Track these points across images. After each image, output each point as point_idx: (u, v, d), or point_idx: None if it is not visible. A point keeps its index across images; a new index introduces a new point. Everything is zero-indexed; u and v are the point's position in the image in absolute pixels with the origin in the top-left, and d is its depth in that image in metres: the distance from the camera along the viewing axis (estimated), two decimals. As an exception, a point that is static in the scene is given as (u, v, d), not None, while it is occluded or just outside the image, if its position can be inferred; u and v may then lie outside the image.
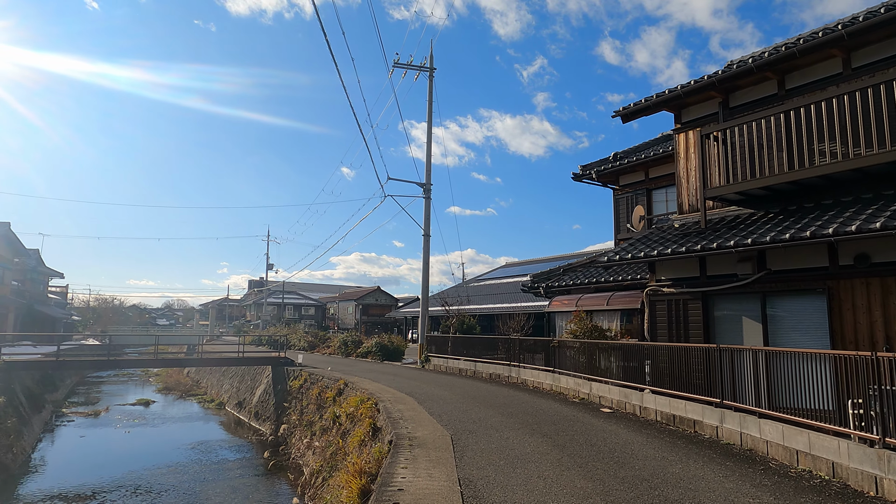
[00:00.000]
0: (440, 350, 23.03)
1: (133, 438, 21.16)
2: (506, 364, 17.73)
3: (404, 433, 8.84)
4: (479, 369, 19.43)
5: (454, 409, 11.38)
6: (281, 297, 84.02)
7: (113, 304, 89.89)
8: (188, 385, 37.06)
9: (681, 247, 10.37)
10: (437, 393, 14.32)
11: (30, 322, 42.74)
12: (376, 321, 64.53)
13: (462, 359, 20.81)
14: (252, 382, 27.80)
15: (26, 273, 45.90)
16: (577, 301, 15.37)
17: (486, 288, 43.19)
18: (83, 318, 71.05)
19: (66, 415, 25.81)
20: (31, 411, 21.57)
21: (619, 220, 18.07)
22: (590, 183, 19.23)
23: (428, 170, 25.92)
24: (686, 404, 9.44)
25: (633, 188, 17.72)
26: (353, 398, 14.29)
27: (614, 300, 14.46)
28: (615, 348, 12.22)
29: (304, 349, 37.69)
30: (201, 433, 22.49)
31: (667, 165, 16.56)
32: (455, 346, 21.79)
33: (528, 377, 16.33)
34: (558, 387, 14.47)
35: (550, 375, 14.97)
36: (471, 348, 20.55)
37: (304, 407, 19.76)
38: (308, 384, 20.81)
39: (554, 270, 18.62)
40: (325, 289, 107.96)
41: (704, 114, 12.32)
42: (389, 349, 27.56)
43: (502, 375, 17.82)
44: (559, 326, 16.13)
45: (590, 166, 18.55)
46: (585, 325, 13.85)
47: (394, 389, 15.24)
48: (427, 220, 25.62)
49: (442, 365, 22.39)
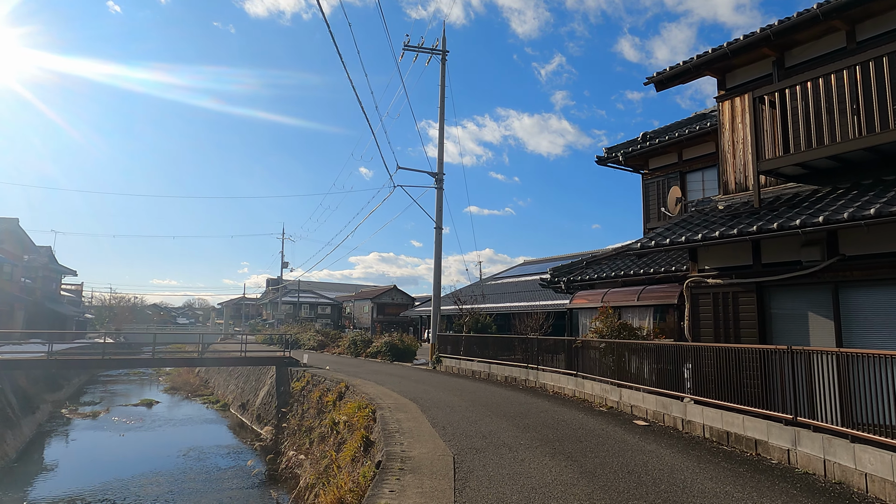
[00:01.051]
0: (453, 350, 21.46)
1: (126, 443, 19.97)
2: (523, 366, 16.11)
3: (397, 452, 7.29)
4: (493, 372, 17.83)
5: (462, 420, 9.81)
6: (296, 297, 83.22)
7: (129, 302, 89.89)
8: (196, 385, 36.02)
9: (731, 229, 8.67)
10: (444, 399, 12.76)
11: (40, 320, 42.16)
12: (392, 320, 63.37)
13: (476, 360, 19.22)
14: (256, 383, 26.53)
15: (38, 270, 45.44)
16: (603, 296, 13.68)
17: (502, 286, 41.50)
18: (99, 317, 70.95)
19: (63, 416, 24.79)
20: (21, 413, 20.49)
21: (649, 208, 16.33)
22: (615, 167, 17.50)
23: (440, 159, 24.38)
24: (744, 419, 7.72)
25: (664, 172, 15.96)
26: (350, 404, 12.80)
27: (646, 295, 12.75)
28: (649, 350, 10.54)
29: (313, 348, 36.42)
30: (199, 437, 21.23)
31: (703, 145, 14.80)
32: (468, 347, 20.21)
33: (547, 381, 14.69)
34: (582, 393, 12.81)
35: (573, 380, 13.31)
36: (485, 349, 18.95)
37: (304, 411, 18.35)
38: (310, 386, 19.40)
39: (576, 263, 16.94)
40: (342, 288, 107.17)
41: (754, 77, 10.57)
42: (400, 349, 26.06)
43: (519, 379, 16.20)
44: (582, 325, 14.46)
45: (616, 148, 16.84)
46: (613, 323, 12.18)
47: (397, 394, 13.71)
48: (439, 212, 24.07)
49: (454, 367, 20.82)
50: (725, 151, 10.75)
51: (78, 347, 32.82)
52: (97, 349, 31.10)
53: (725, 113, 10.84)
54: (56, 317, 45.05)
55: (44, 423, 22.75)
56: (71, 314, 49.05)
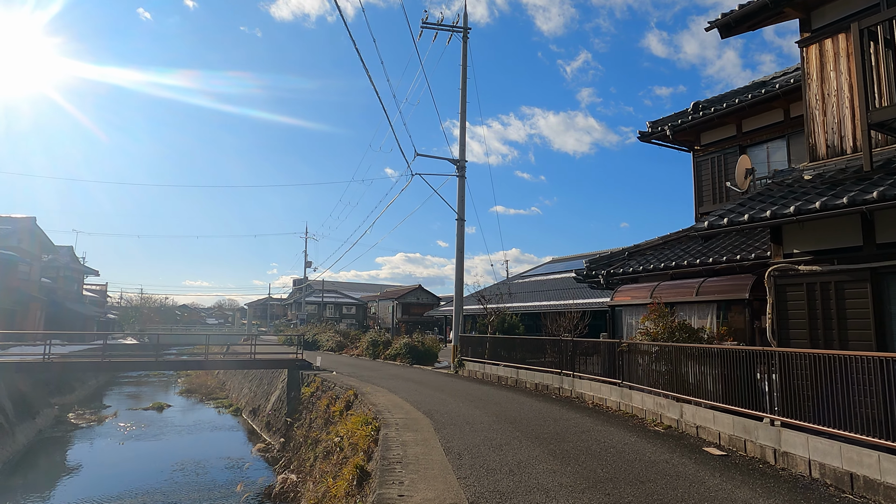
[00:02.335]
0: (476, 353, 19.50)
1: (122, 452, 18.57)
2: (556, 372, 14.07)
3: (392, 497, 5.38)
4: (522, 378, 15.82)
5: (483, 443, 7.87)
6: (321, 297, 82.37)
7: (156, 303, 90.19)
8: (212, 387, 34.79)
9: (836, 198, 6.55)
10: (463, 412, 10.83)
11: (60, 320, 41.60)
12: (417, 320, 61.88)
13: (501, 364, 17.22)
14: (268, 387, 24.99)
15: (58, 270, 45.02)
16: (653, 291, 11.56)
17: (530, 284, 39.31)
18: (125, 317, 70.95)
19: (69, 421, 23.62)
20: (16, 419, 19.25)
21: (702, 190, 14.12)
22: (660, 144, 15.33)
23: (462, 144, 22.43)
24: (880, 458, 5.59)
25: (719, 147, 13.75)
26: (354, 418, 10.96)
27: (707, 288, 10.59)
28: (716, 356, 8.42)
29: (332, 350, 34.86)
30: (202, 446, 19.71)
31: (769, 113, 12.57)
32: (494, 349, 18.23)
33: (585, 390, 12.63)
34: (628, 406, 10.73)
35: (617, 390, 11.24)
36: (512, 351, 16.95)
37: (312, 420, 16.63)
38: (319, 392, 17.69)
39: (617, 254, 14.81)
40: (368, 288, 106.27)
41: (849, 13, 8.37)
42: (420, 351, 24.20)
43: (551, 387, 14.16)
44: (627, 325, 12.35)
45: (662, 122, 14.66)
46: (667, 322, 10.07)
47: (410, 405, 11.83)
48: (461, 203, 22.12)
49: (478, 371, 18.85)
50: (813, 108, 8.57)
51: (92, 349, 31.81)
52: (116, 351, 30.04)
53: (812, 60, 8.65)
54: (77, 317, 44.50)
55: (45, 429, 21.54)
56: (92, 314, 48.58)
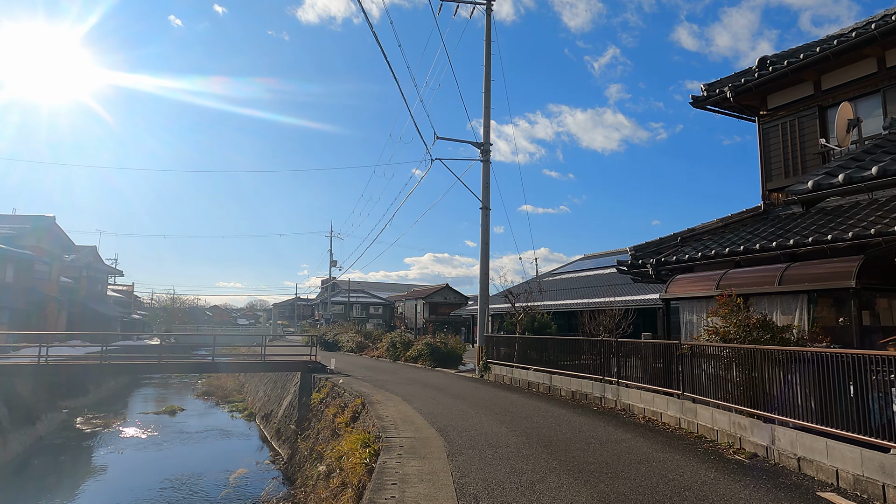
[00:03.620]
0: (504, 355, 17.48)
1: (120, 462, 17.20)
2: (596, 379, 11.97)
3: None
4: (555, 385, 13.75)
5: (510, 482, 5.91)
6: (347, 296, 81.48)
7: (184, 303, 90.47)
8: (229, 390, 33.52)
9: None
10: (486, 429, 8.86)
11: (83, 320, 41.08)
12: (445, 320, 60.25)
13: (532, 368, 15.18)
14: (282, 391, 23.43)
15: (81, 270, 44.56)
16: (720, 280, 9.39)
17: (561, 282, 37.02)
18: (153, 318, 70.93)
19: (75, 426, 22.46)
20: (12, 425, 18.03)
21: (770, 162, 11.85)
22: (717, 111, 13.09)
23: (486, 126, 20.44)
24: None
25: (793, 109, 11.48)
26: (353, 437, 9.11)
27: (794, 275, 8.38)
28: (815, 362, 6.27)
29: (352, 350, 33.23)
30: (207, 456, 18.19)
31: (859, 65, 10.31)
32: (523, 351, 16.19)
33: (633, 401, 10.52)
34: (692, 424, 8.61)
35: (675, 403, 9.12)
36: (544, 353, 14.90)
37: (319, 430, 14.87)
38: (329, 399, 15.96)
39: (667, 240, 12.61)
40: (395, 288, 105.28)
41: None
42: (442, 353, 22.27)
43: (591, 396, 12.06)
44: (686, 322, 10.19)
45: (720, 84, 12.42)
46: (742, 318, 7.93)
47: (423, 419, 9.92)
48: (486, 190, 20.13)
49: (505, 376, 16.83)
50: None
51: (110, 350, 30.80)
52: (134, 352, 28.97)
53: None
54: (99, 318, 43.96)
55: (47, 435, 20.34)
56: (116, 315, 48.10)
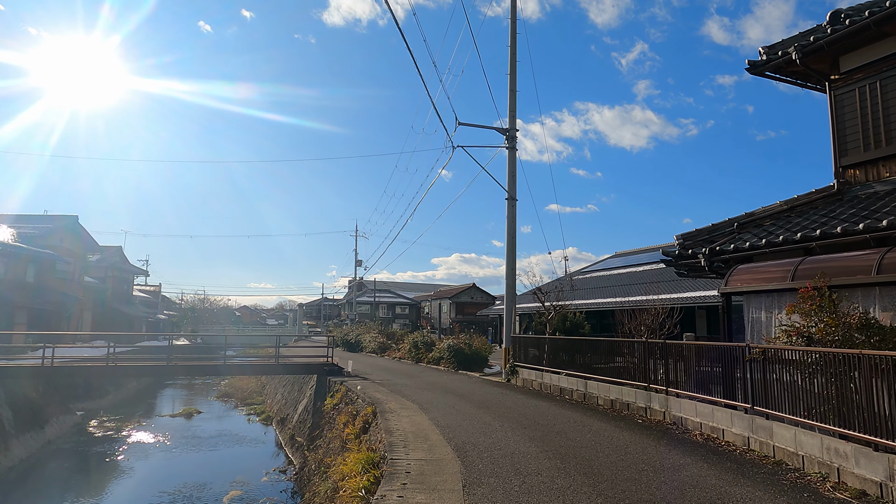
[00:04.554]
0: (532, 358, 15.96)
1: (122, 470, 16.26)
2: (640, 386, 10.39)
3: None
4: (592, 392, 12.19)
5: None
6: (373, 296, 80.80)
7: (214, 304, 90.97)
8: (249, 391, 32.68)
9: None
10: (512, 449, 7.42)
11: (107, 321, 40.93)
12: (471, 320, 58.97)
13: (564, 373, 13.65)
14: (298, 394, 22.33)
15: (106, 270, 44.50)
16: (795, 270, 7.75)
17: (593, 280, 35.22)
18: (182, 318, 71.16)
19: (87, 429, 21.72)
20: (16, 429, 17.28)
21: (845, 134, 10.11)
22: (775, 77, 11.36)
23: (512, 111, 18.93)
24: None
25: (873, 70, 9.70)
26: (356, 456, 7.78)
27: (899, 262, 6.71)
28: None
29: (374, 351, 32.05)
30: (216, 464, 17.14)
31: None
32: (554, 353, 14.66)
33: (687, 414, 8.94)
34: (765, 445, 7.01)
35: (742, 418, 7.53)
36: (578, 356, 13.35)
37: (330, 440, 13.62)
38: (342, 405, 14.70)
39: (721, 226, 10.94)
40: (422, 288, 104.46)
41: None
42: (466, 354, 20.81)
43: (634, 406, 10.49)
44: (751, 320, 8.54)
45: (783, 45, 10.72)
46: (834, 315, 6.31)
47: (439, 433, 8.51)
48: (512, 179, 18.64)
49: (534, 381, 15.31)
50: None
51: (127, 351, 30.29)
52: (154, 353, 28.35)
53: None
54: (124, 318, 43.83)
55: (56, 439, 19.58)
56: (141, 315, 47.99)
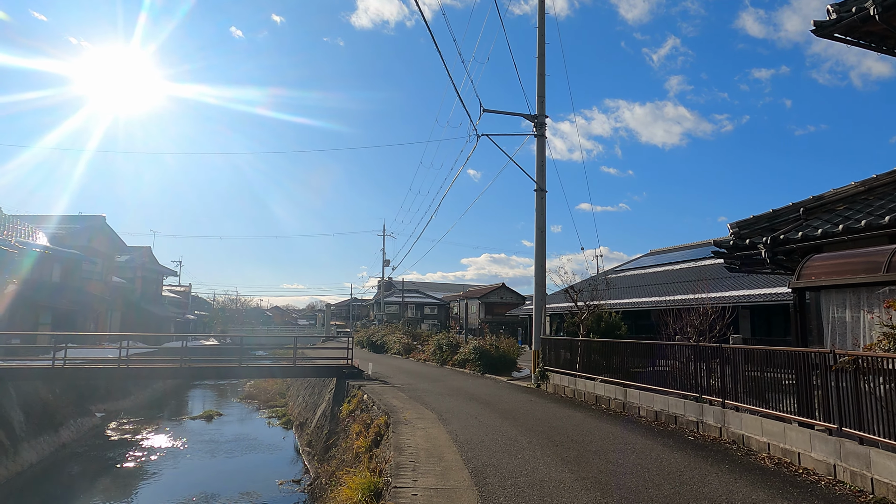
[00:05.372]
0: (564, 362, 14.65)
1: (128, 478, 15.52)
2: (691, 397, 9.03)
3: None
4: (632, 401, 10.85)
5: None
6: (401, 297, 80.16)
7: (243, 304, 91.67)
8: (272, 393, 32.06)
9: None
10: (542, 475, 6.20)
11: (135, 321, 41.01)
12: (501, 321, 57.58)
13: (599, 379, 12.31)
14: (317, 398, 21.44)
15: (135, 271, 44.70)
16: (891, 259, 6.33)
17: (627, 279, 33.58)
18: (213, 319, 71.68)
19: (105, 432, 21.24)
20: (28, 432, 16.78)
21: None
22: (845, 40, 9.78)
23: (540, 96, 17.62)
24: None
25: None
26: (357, 481, 6.66)
27: None
28: None
29: (399, 353, 31.05)
30: (229, 473, 16.30)
31: None
32: (588, 357, 13.33)
33: (750, 431, 7.56)
34: (861, 477, 5.63)
35: (827, 442, 6.14)
36: (615, 360, 12.01)
37: (344, 450, 12.58)
38: (358, 412, 13.67)
39: (783, 212, 9.48)
40: (451, 288, 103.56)
41: None
42: (492, 357, 19.56)
43: (683, 420, 9.13)
44: (834, 321, 7.11)
45: (855, 1, 9.20)
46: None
47: (456, 451, 7.33)
48: (541, 169, 17.33)
49: (566, 387, 13.99)
50: None
51: (153, 352, 29.93)
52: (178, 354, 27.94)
53: None
54: (152, 318, 43.90)
55: (71, 442, 19.08)
56: (170, 315, 48.08)
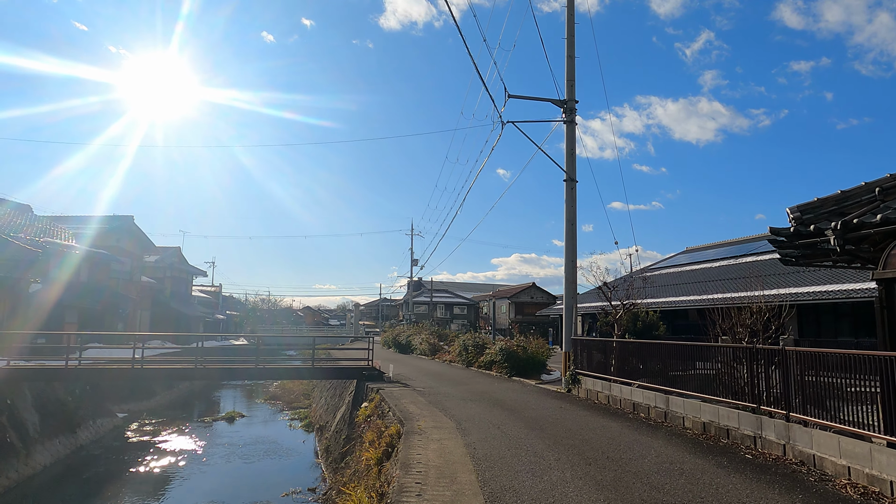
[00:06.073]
0: (597, 365, 13.45)
1: (135, 484, 14.96)
2: (748, 407, 7.81)
3: None
4: (676, 410, 9.64)
5: None
6: (430, 296, 79.50)
7: (274, 304, 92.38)
8: (297, 394, 31.55)
9: None
10: (573, 502, 5.15)
11: (164, 321, 41.17)
12: (531, 321, 56.28)
13: (637, 384, 11.12)
14: (338, 400, 20.65)
15: (164, 271, 44.99)
16: None
17: (663, 277, 32.01)
18: (240, 318, 72.19)
19: (124, 434, 20.90)
20: (42, 434, 16.44)
21: None
22: None
23: (570, 79, 16.44)
24: None
25: None
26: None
27: None
28: None
29: (425, 354, 30.15)
30: (243, 480, 15.62)
31: None
32: (624, 360, 12.12)
33: (824, 452, 6.35)
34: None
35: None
36: (655, 364, 10.80)
37: (357, 460, 11.67)
38: (373, 418, 12.77)
39: (852, 193, 8.16)
40: (481, 288, 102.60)
41: None
42: (521, 359, 18.42)
43: (737, 433, 7.91)
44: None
45: None
46: None
47: (472, 471, 6.32)
48: (571, 157, 16.16)
49: (600, 392, 12.81)
50: None
51: (179, 352, 29.70)
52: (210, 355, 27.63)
53: None
54: (181, 318, 44.07)
55: (89, 443, 18.73)
56: (199, 315, 48.26)
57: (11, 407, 15.74)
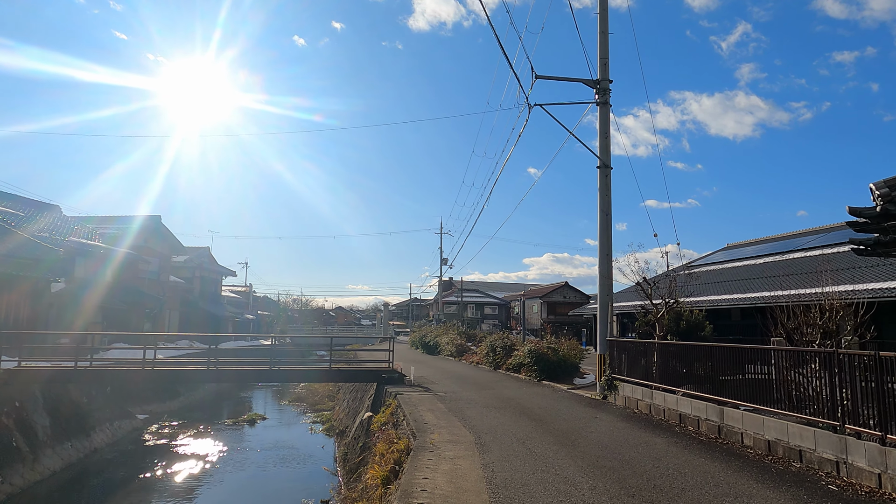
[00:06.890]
0: (637, 369, 12.06)
1: (144, 491, 14.20)
2: (828, 426, 6.42)
3: None
4: (732, 424, 8.24)
5: None
6: (460, 296, 78.40)
7: (305, 304, 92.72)
8: (321, 396, 30.82)
9: None
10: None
11: (193, 320, 41.15)
12: (563, 321, 54.63)
13: (682, 392, 9.72)
14: (359, 404, 19.71)
15: (193, 271, 45.01)
16: None
17: (705, 275, 30.01)
18: (271, 318, 72.38)
19: (141, 437, 20.36)
20: (53, 438, 15.90)
21: None
22: None
23: (603, 58, 15.06)
24: None
25: None
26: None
27: None
28: None
29: (451, 355, 28.99)
30: (256, 488, 14.75)
31: None
32: (666, 364, 10.73)
33: (937, 488, 4.95)
34: None
35: None
36: (700, 367, 9.40)
37: (369, 471, 10.60)
38: (388, 426, 11.70)
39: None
40: (512, 287, 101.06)
41: None
42: (550, 361, 17.07)
43: (814, 457, 6.52)
44: None
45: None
46: None
47: (486, 500, 5.15)
48: (605, 141, 14.78)
49: (640, 401, 11.42)
50: None
51: (201, 353, 29.29)
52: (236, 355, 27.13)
53: None
54: (209, 318, 43.99)
55: (104, 447, 18.18)
56: (227, 315, 48.22)
57: (20, 409, 15.23)
